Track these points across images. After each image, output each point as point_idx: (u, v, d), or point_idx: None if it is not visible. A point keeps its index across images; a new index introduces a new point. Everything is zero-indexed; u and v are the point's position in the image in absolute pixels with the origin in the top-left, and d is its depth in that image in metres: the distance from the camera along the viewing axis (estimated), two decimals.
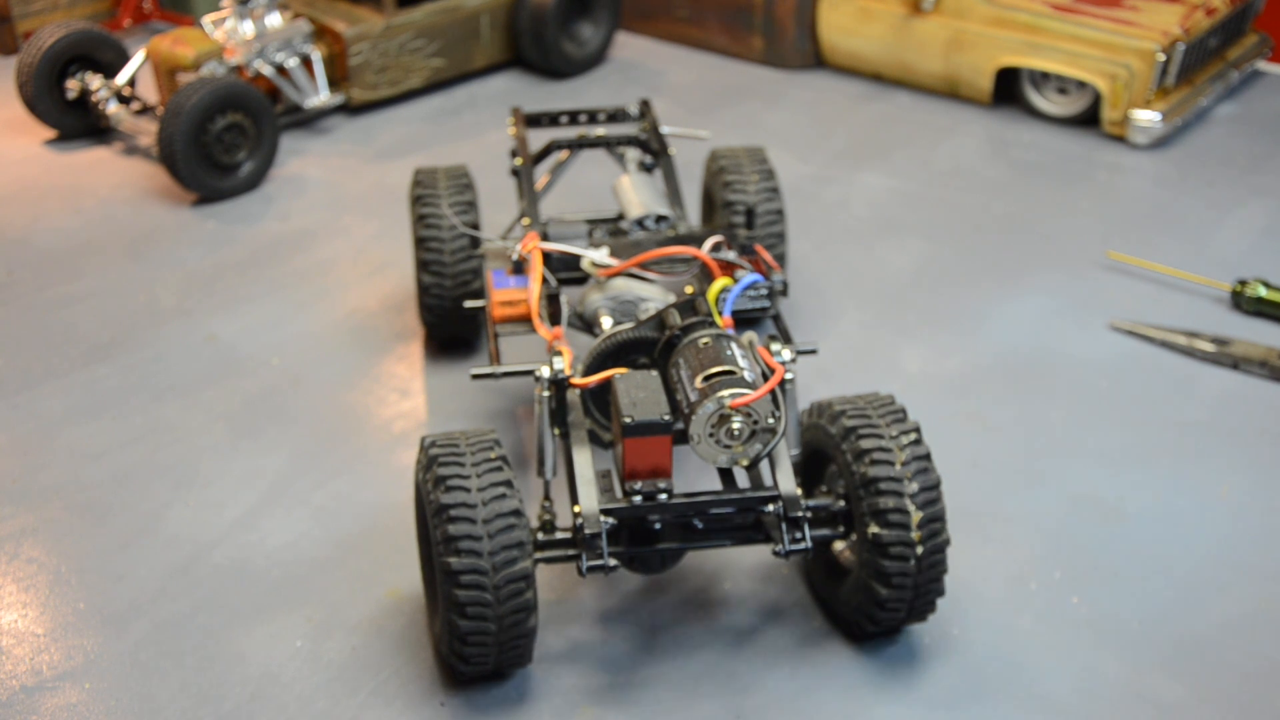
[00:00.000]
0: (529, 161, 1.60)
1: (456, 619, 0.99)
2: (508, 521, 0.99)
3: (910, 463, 1.10)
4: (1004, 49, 2.27)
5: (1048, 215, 1.98)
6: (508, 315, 1.28)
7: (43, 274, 1.85)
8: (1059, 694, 1.10)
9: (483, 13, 2.48)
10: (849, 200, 2.05)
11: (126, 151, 2.26)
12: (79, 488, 1.39)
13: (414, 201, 1.54)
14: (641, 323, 1.15)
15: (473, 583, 0.97)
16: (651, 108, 1.72)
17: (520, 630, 1.01)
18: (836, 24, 2.49)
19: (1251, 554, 1.27)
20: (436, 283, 1.49)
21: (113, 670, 1.14)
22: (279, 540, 1.30)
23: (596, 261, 1.31)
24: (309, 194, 2.08)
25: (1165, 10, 2.23)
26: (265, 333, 1.68)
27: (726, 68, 2.62)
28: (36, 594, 1.23)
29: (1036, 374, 1.55)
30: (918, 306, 1.70)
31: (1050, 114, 2.30)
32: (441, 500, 0.99)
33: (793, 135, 2.28)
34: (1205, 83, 2.27)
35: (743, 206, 1.49)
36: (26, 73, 2.21)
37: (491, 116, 2.37)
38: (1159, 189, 2.07)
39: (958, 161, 2.18)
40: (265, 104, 2.07)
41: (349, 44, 2.30)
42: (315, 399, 1.54)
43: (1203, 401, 1.48)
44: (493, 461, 1.02)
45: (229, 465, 1.42)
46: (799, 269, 1.77)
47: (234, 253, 1.90)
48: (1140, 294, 1.74)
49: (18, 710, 1.10)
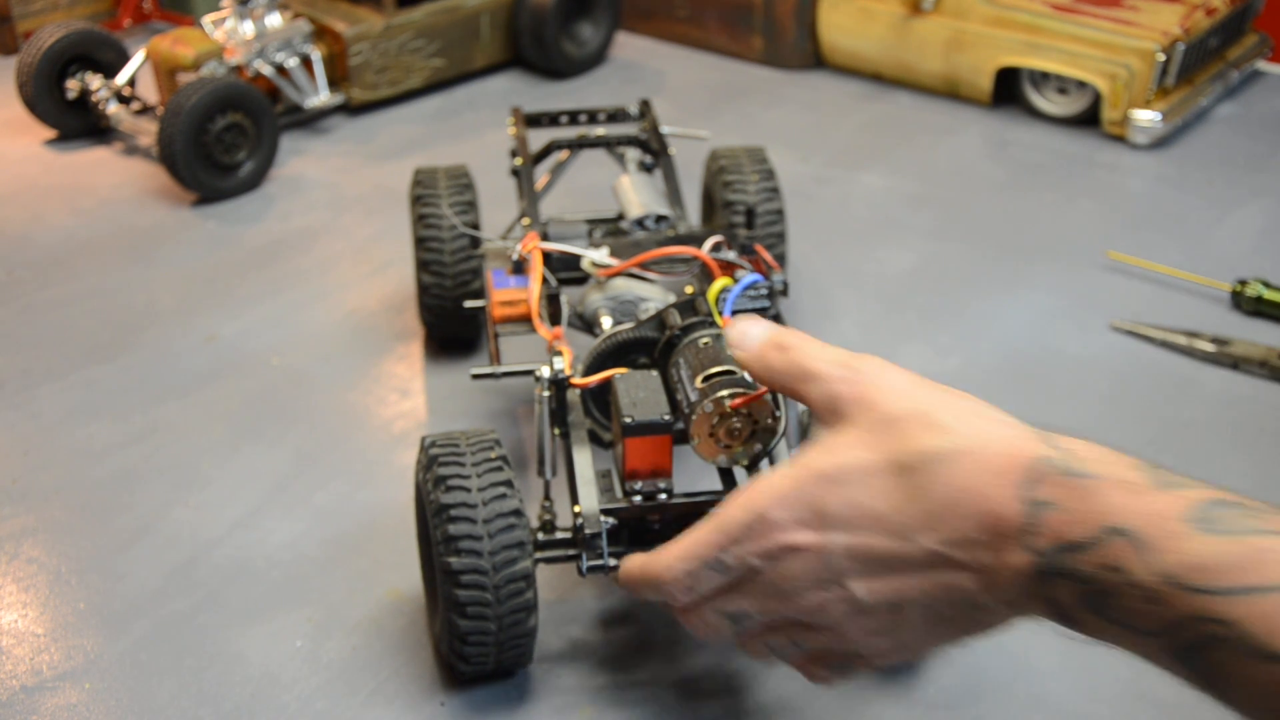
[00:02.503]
0: (529, 161, 1.60)
1: (457, 619, 0.98)
2: (508, 521, 0.99)
3: None
4: (1004, 49, 2.27)
5: (1048, 215, 1.98)
6: (508, 315, 1.28)
7: (43, 274, 1.85)
8: (1059, 694, 1.10)
9: (483, 13, 2.48)
10: (849, 200, 2.05)
11: (126, 151, 2.25)
12: (79, 488, 1.39)
13: (414, 201, 1.53)
14: (641, 323, 1.15)
15: (473, 582, 0.97)
16: (651, 108, 1.71)
17: (521, 630, 1.01)
18: (836, 24, 2.49)
19: None
20: (436, 282, 1.48)
21: (113, 670, 1.14)
22: (279, 540, 1.30)
23: (596, 261, 1.30)
24: (309, 194, 2.08)
25: (1165, 10, 2.23)
26: (265, 333, 1.68)
27: (726, 68, 2.61)
28: (36, 594, 1.23)
29: (1036, 374, 1.55)
30: (918, 306, 1.70)
31: (1050, 114, 2.30)
32: (442, 500, 0.98)
33: (793, 135, 2.28)
34: (1205, 83, 2.27)
35: (743, 206, 1.49)
36: (26, 73, 2.21)
37: (491, 116, 2.36)
38: (1159, 189, 2.06)
39: (958, 161, 2.18)
40: (265, 104, 2.07)
41: (349, 44, 2.29)
42: (315, 399, 1.54)
43: (1203, 401, 1.48)
44: (493, 461, 1.02)
45: (229, 465, 1.42)
46: (799, 269, 1.77)
47: (234, 253, 1.90)
48: (1140, 294, 1.74)
49: (18, 710, 1.10)
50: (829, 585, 0.76)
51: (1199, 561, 0.58)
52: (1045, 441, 0.70)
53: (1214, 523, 0.60)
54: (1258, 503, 0.63)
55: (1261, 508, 0.62)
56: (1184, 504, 0.61)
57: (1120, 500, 0.63)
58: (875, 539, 0.73)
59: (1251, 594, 0.56)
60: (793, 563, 0.76)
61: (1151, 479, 0.64)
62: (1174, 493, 0.63)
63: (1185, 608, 0.58)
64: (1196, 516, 0.60)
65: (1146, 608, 0.61)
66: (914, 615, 0.75)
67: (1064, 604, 0.67)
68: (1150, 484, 0.64)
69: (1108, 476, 0.65)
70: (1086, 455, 0.68)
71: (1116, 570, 0.62)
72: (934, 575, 0.72)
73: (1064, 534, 0.65)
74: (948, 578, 0.71)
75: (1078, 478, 0.65)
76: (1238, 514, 0.60)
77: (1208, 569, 0.58)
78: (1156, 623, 0.61)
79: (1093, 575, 0.64)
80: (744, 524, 0.77)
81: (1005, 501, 0.67)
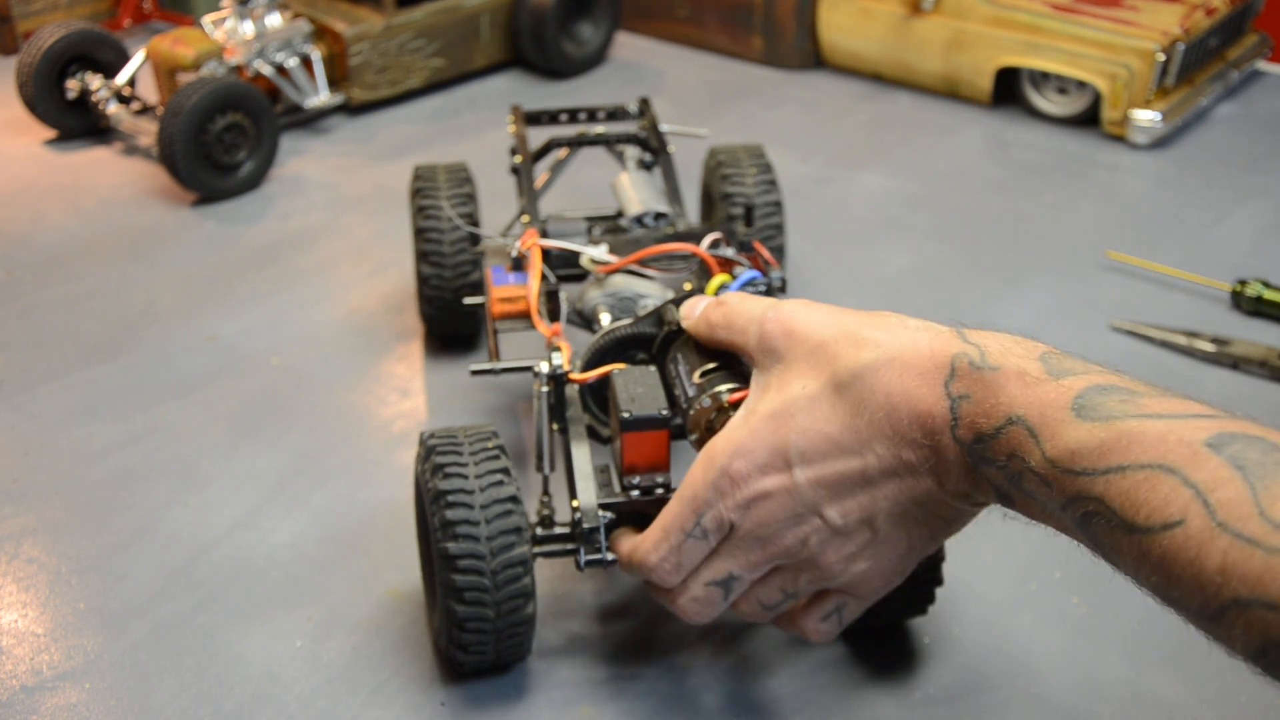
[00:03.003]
0: (528, 159, 1.60)
1: (454, 605, 0.98)
2: (505, 507, 0.99)
3: None
4: (1004, 49, 2.27)
5: (1048, 215, 1.98)
6: (507, 312, 1.28)
7: (43, 274, 1.85)
8: (1059, 694, 1.10)
9: (483, 13, 2.48)
10: (849, 200, 2.05)
11: (126, 151, 2.25)
12: (79, 488, 1.39)
13: (413, 195, 1.54)
14: (640, 319, 1.15)
15: (470, 567, 0.97)
16: (651, 106, 1.72)
17: (518, 617, 1.00)
18: (836, 24, 2.49)
19: None
20: (436, 273, 1.49)
21: (113, 670, 1.14)
22: (279, 540, 1.30)
23: (595, 258, 1.30)
24: (309, 194, 2.08)
25: (1165, 10, 2.23)
26: (265, 333, 1.68)
27: (726, 68, 2.62)
28: (36, 594, 1.23)
29: None
30: (917, 306, 1.69)
31: (1050, 114, 2.30)
32: (439, 486, 0.98)
33: (793, 135, 2.28)
34: (1205, 83, 2.27)
35: (741, 200, 1.49)
36: (26, 73, 2.21)
37: (491, 116, 2.37)
38: (1159, 189, 2.07)
39: (958, 161, 2.18)
40: (265, 104, 2.07)
41: (349, 44, 2.29)
42: (315, 399, 1.54)
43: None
44: (490, 450, 1.02)
45: (229, 465, 1.42)
46: (798, 268, 1.77)
47: (234, 253, 1.90)
48: (1140, 294, 1.74)
49: (18, 710, 1.10)
50: (804, 519, 0.80)
51: (1074, 446, 0.63)
52: (961, 338, 0.75)
53: (1092, 410, 0.64)
54: (1140, 384, 0.68)
55: (1140, 390, 0.67)
56: (1070, 393, 0.67)
57: (1017, 391, 0.68)
58: (835, 463, 0.77)
59: (1111, 473, 0.61)
60: (765, 506, 0.80)
61: (1047, 368, 0.70)
62: (1064, 381, 0.68)
63: (1070, 488, 0.63)
64: (1077, 405, 0.65)
65: (1044, 489, 0.66)
66: (887, 528, 0.80)
67: (999, 486, 0.71)
68: (1044, 373, 0.69)
69: (1009, 368, 0.70)
70: (994, 347, 0.73)
71: (1018, 457, 0.67)
72: (894, 482, 0.76)
73: (978, 425, 0.70)
74: (906, 482, 0.76)
75: (985, 370, 0.70)
76: (1115, 399, 0.65)
77: (1080, 453, 0.63)
78: (1055, 501, 0.66)
79: (1004, 463, 0.69)
80: (711, 484, 0.83)
81: (934, 400, 0.72)
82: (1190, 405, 0.64)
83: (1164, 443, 0.59)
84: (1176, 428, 0.60)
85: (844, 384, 0.76)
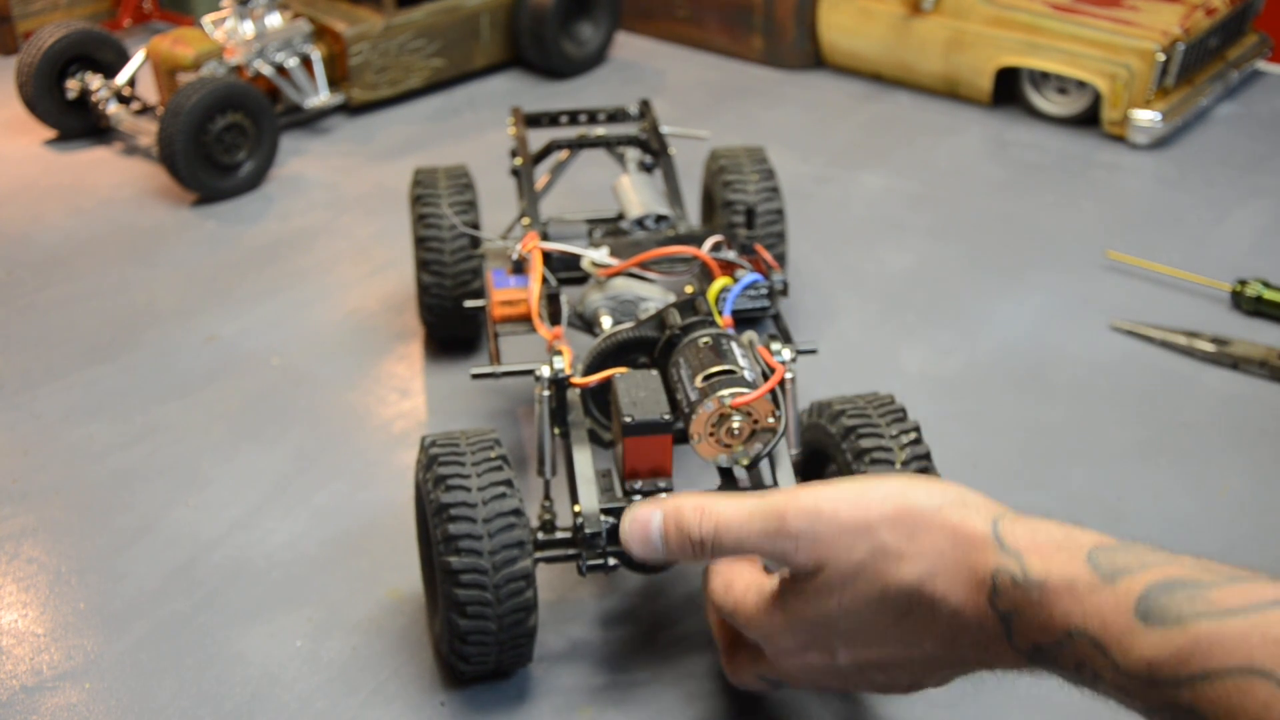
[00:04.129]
0: (529, 161, 1.60)
1: (457, 618, 0.98)
2: (508, 521, 0.98)
3: (910, 462, 1.09)
4: (1004, 49, 2.27)
5: (1048, 215, 1.98)
6: (508, 315, 1.28)
7: (43, 274, 1.85)
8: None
9: (483, 13, 2.48)
10: (849, 200, 2.05)
11: (126, 151, 2.25)
12: (79, 488, 1.39)
13: (414, 201, 1.53)
14: (641, 322, 1.15)
15: (473, 581, 0.97)
16: (651, 108, 1.72)
17: (521, 629, 1.00)
18: (836, 24, 2.49)
19: (1251, 554, 1.27)
20: (436, 282, 1.48)
21: (113, 670, 1.14)
22: (279, 540, 1.30)
23: (596, 261, 1.30)
24: (309, 194, 2.08)
25: (1165, 10, 2.23)
26: (265, 333, 1.68)
27: (726, 68, 2.61)
28: (36, 594, 1.23)
29: (1036, 374, 1.55)
30: (918, 306, 1.70)
31: (1050, 114, 2.30)
32: (442, 499, 0.98)
33: (793, 135, 2.28)
34: (1205, 83, 2.27)
35: (743, 206, 1.49)
36: (26, 73, 2.21)
37: (491, 116, 2.37)
38: (1159, 189, 2.07)
39: (958, 161, 2.18)
40: (265, 104, 2.07)
41: (349, 44, 2.29)
42: (315, 399, 1.54)
43: (1203, 401, 1.48)
44: (493, 461, 1.02)
45: (229, 465, 1.42)
46: (799, 269, 1.77)
47: (234, 253, 1.90)
48: (1140, 294, 1.74)
49: (18, 710, 1.10)
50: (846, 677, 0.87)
51: (1149, 656, 0.62)
52: (997, 545, 0.73)
53: (1160, 614, 0.62)
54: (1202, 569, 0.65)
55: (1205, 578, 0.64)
56: (1130, 597, 0.64)
57: (1070, 606, 0.67)
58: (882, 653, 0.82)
59: (1197, 680, 0.59)
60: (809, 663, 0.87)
61: (1097, 569, 0.67)
62: (1120, 584, 0.65)
63: (1154, 699, 0.62)
64: (1141, 610, 0.63)
65: (1125, 698, 0.66)
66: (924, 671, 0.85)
67: (1071, 684, 0.73)
68: (1096, 577, 0.67)
69: (1054, 581, 0.68)
70: (1034, 556, 0.71)
71: (1086, 668, 0.67)
72: (941, 662, 0.81)
73: (1034, 639, 0.71)
74: (955, 663, 0.81)
75: (1030, 588, 0.70)
76: (1181, 597, 0.63)
77: (1157, 664, 0.61)
78: (1139, 706, 0.65)
79: (1072, 672, 0.70)
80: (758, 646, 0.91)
81: (983, 616, 0.73)
82: (1261, 589, 0.60)
83: (1248, 643, 0.57)
84: (1259, 624, 0.57)
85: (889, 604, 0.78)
